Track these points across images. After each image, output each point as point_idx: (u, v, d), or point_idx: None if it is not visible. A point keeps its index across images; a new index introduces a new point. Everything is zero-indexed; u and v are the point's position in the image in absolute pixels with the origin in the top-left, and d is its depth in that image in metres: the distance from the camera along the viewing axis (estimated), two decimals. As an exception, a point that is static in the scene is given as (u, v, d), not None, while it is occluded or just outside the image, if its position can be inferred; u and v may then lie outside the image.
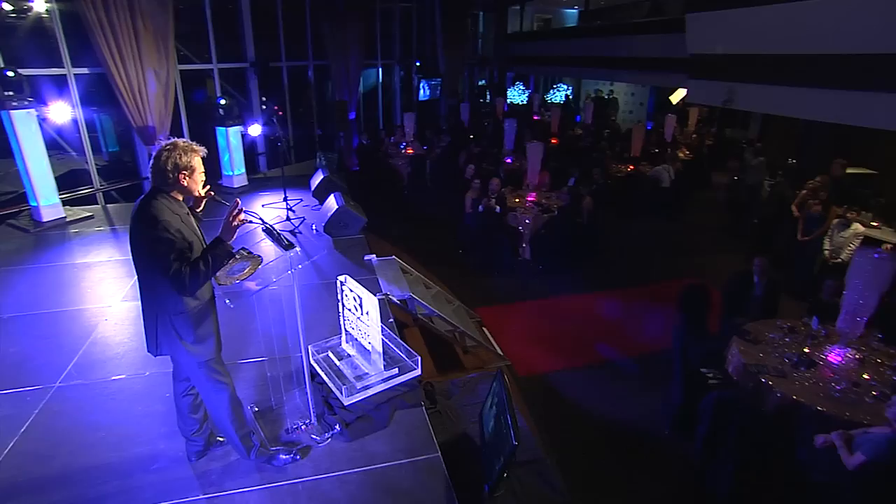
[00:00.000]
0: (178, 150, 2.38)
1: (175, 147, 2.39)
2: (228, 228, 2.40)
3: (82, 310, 4.61)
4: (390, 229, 8.59)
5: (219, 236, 2.42)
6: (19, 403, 3.40)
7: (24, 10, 7.63)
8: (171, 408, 2.89)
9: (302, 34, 11.63)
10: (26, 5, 7.30)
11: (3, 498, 2.72)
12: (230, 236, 2.42)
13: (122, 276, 5.32)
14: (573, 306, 6.60)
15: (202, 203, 2.66)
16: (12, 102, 6.06)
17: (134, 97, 7.92)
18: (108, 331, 4.18)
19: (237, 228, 2.43)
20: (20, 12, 7.76)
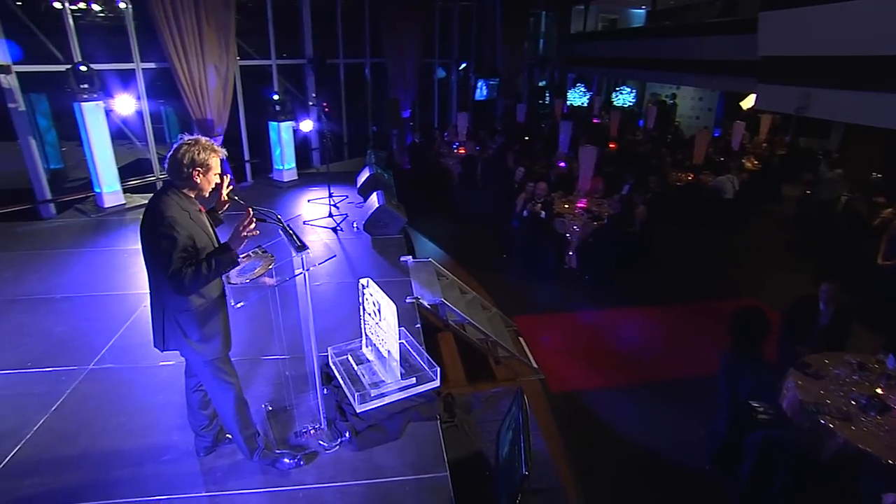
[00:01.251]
0: (197, 147, 2.36)
1: (196, 143, 2.37)
2: (237, 238, 2.36)
3: (127, 294, 4.79)
4: (436, 229, 8.51)
5: (227, 243, 2.37)
6: (55, 382, 3.54)
7: (107, 9, 8.11)
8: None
9: (360, 32, 11.75)
10: (113, 5, 7.70)
11: (25, 474, 2.81)
12: (238, 245, 2.37)
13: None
14: (618, 320, 6.25)
15: (224, 206, 2.63)
16: (83, 95, 6.42)
17: (195, 91, 8.22)
18: (146, 317, 4.29)
19: (246, 239, 2.37)
20: (98, 12, 8.26)
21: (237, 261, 2.41)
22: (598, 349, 5.69)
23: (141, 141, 8.54)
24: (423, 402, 3.33)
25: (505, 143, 11.38)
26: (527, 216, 7.19)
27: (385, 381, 3.36)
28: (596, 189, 8.18)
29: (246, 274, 2.60)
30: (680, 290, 6.83)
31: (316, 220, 7.01)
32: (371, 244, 6.33)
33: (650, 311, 6.38)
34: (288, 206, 7.79)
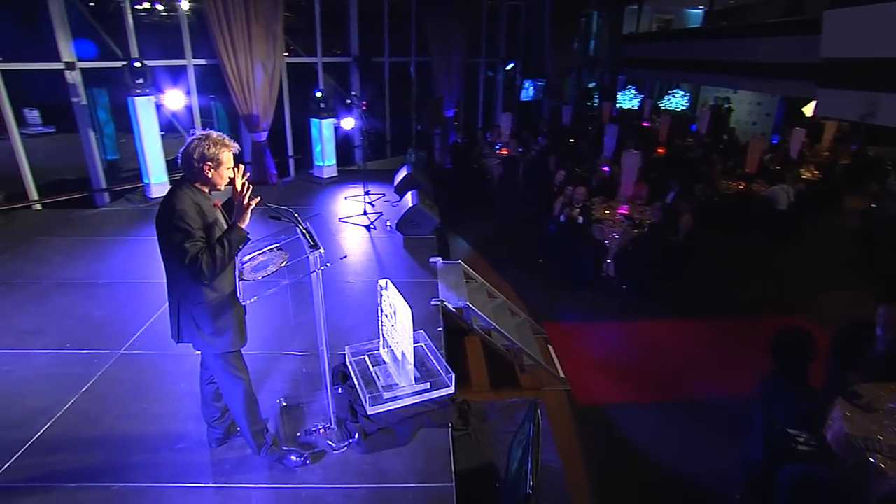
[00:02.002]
0: (208, 142, 2.38)
1: (206, 138, 2.40)
2: (241, 210, 2.36)
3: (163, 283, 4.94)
4: (473, 230, 8.45)
5: (233, 220, 2.38)
6: (88, 364, 3.69)
7: (168, 8, 8.46)
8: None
9: (406, 30, 11.80)
10: (175, 4, 8.02)
11: (52, 451, 2.94)
12: (243, 219, 2.37)
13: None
14: (654, 333, 5.99)
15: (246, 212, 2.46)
16: (136, 90, 6.71)
17: (242, 87, 8.46)
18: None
19: (249, 209, 2.37)
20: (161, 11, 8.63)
21: (247, 236, 2.43)
22: (629, 362, 5.46)
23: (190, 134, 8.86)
24: (437, 408, 3.27)
25: (548, 145, 11.16)
26: (564, 221, 7.00)
27: (398, 385, 3.32)
28: (639, 195, 7.89)
29: (260, 271, 2.61)
30: (723, 303, 6.48)
31: (351, 217, 7.07)
32: (403, 244, 6.31)
33: (689, 324, 6.08)
34: (325, 202, 7.89)
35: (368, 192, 7.93)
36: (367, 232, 6.62)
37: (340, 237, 6.45)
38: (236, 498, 2.65)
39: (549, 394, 4.88)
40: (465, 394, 4.87)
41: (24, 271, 5.09)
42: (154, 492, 2.67)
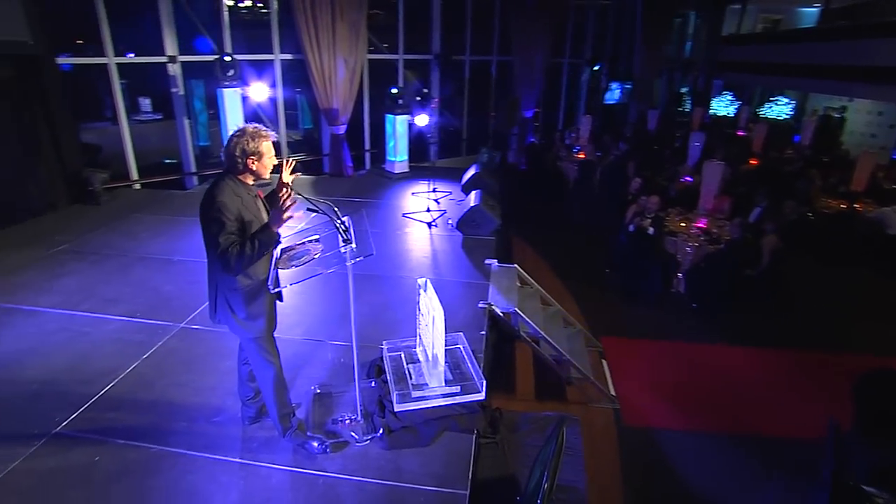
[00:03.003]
0: (245, 137, 2.47)
1: (243, 133, 2.48)
2: (278, 218, 2.43)
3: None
4: (540, 234, 8.26)
5: (268, 222, 2.46)
6: (151, 333, 4.00)
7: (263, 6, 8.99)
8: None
9: (489, 29, 11.74)
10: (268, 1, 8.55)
11: (110, 408, 3.22)
12: (278, 225, 2.45)
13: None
14: (721, 359, 5.54)
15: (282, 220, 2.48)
16: (225, 82, 7.19)
17: (324, 81, 8.81)
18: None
19: (285, 219, 2.44)
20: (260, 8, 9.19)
21: (278, 239, 2.50)
22: (689, 387, 5.08)
23: (274, 125, 9.37)
24: (465, 413, 3.21)
25: (629, 150, 10.66)
26: (633, 231, 6.65)
27: (429, 385, 3.30)
28: (720, 209, 7.32)
29: (295, 260, 2.68)
30: (806, 335, 5.86)
31: (414, 213, 7.15)
32: (462, 243, 6.28)
33: (763, 353, 5.55)
34: (393, 196, 8.04)
35: (435, 190, 7.99)
36: (428, 229, 6.65)
37: (400, 232, 6.53)
38: (258, 475, 2.75)
39: (594, 410, 4.65)
40: (507, 401, 4.77)
41: (115, 244, 5.62)
42: (186, 458, 2.83)
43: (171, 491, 2.64)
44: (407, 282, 5.22)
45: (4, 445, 2.89)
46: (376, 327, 4.28)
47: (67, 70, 7.41)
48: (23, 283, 4.70)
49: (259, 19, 8.98)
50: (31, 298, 4.42)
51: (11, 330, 3.99)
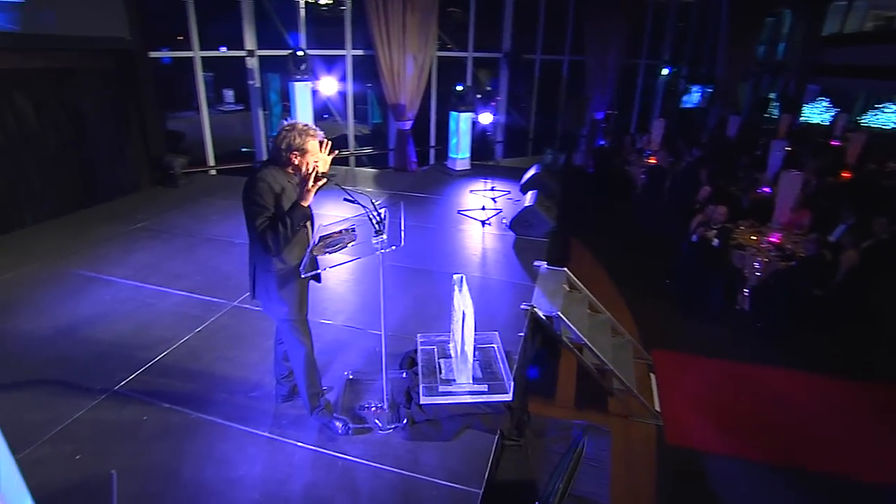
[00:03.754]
0: (294, 132, 2.57)
1: (293, 128, 2.58)
2: (304, 192, 2.52)
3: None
4: (601, 239, 8.06)
5: (296, 200, 2.55)
6: (206, 309, 4.28)
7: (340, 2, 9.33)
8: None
9: (562, 28, 11.50)
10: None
11: (161, 374, 3.48)
12: (305, 199, 2.53)
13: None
14: (786, 384, 5.14)
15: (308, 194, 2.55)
16: (297, 76, 7.53)
17: (392, 77, 8.99)
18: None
19: (312, 192, 2.52)
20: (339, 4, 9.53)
21: (307, 214, 2.59)
22: (744, 410, 4.76)
23: (343, 118, 9.69)
24: (490, 412, 3.19)
25: (702, 156, 10.09)
26: (696, 241, 6.30)
27: (456, 381, 3.30)
28: (798, 224, 6.77)
29: (330, 248, 2.76)
30: (887, 367, 5.32)
31: (469, 210, 7.15)
32: (514, 243, 6.22)
33: (835, 383, 5.11)
34: (451, 193, 8.08)
35: (493, 188, 7.96)
36: (482, 227, 6.64)
37: (454, 229, 6.56)
38: (283, 450, 2.88)
39: (635, 425, 4.48)
40: (545, 406, 4.70)
41: (186, 225, 6.05)
42: (221, 427, 3.01)
43: (203, 455, 2.82)
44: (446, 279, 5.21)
45: (72, 397, 3.21)
46: (418, 320, 4.33)
47: (167, 63, 8.06)
48: (103, 254, 5.17)
49: (336, 16, 9.29)
50: (108, 269, 4.86)
51: (89, 296, 4.40)
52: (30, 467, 2.58)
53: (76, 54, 6.01)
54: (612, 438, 3.97)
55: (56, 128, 5.91)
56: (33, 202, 5.74)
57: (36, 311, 4.15)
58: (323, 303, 4.45)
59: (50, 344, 3.74)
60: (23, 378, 3.36)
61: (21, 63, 5.51)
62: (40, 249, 5.21)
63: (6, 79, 5.44)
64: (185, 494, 2.59)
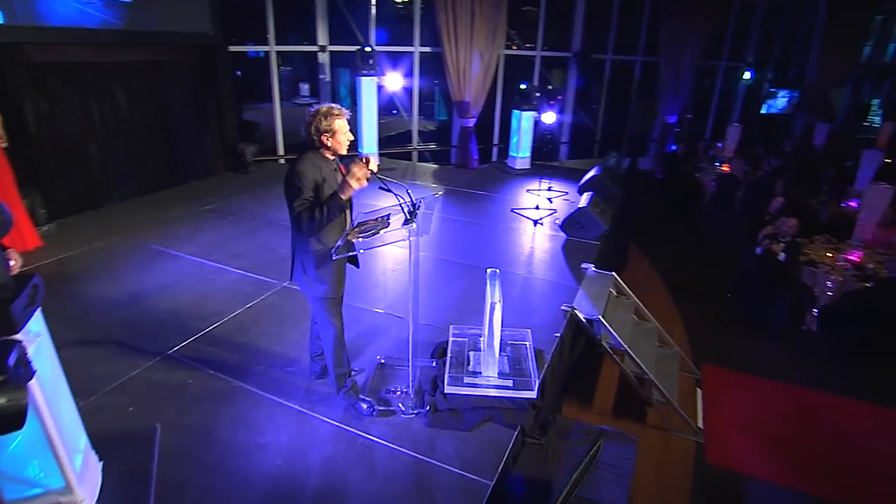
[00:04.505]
0: (319, 116, 2.69)
1: (317, 113, 2.70)
2: (344, 186, 2.64)
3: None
4: (662, 247, 7.80)
5: (336, 190, 2.67)
6: (258, 287, 4.56)
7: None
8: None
9: (636, 28, 11.12)
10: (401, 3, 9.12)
11: (210, 343, 3.76)
12: (345, 193, 2.65)
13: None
14: (851, 415, 4.74)
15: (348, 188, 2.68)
16: (363, 71, 7.79)
17: (458, 75, 9.08)
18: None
19: (352, 189, 2.63)
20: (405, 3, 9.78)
21: (344, 206, 2.71)
22: (800, 438, 4.44)
23: (408, 114, 9.91)
24: (512, 408, 3.19)
25: (781, 166, 9.44)
26: (760, 254, 5.93)
27: (482, 374, 3.33)
28: (885, 242, 6.20)
29: (364, 234, 2.88)
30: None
31: (523, 209, 7.11)
32: (564, 244, 6.13)
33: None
34: (508, 191, 8.06)
35: (550, 188, 7.87)
36: (534, 226, 6.59)
37: (505, 227, 6.55)
38: (309, 424, 3.03)
39: (674, 440, 4.30)
40: (580, 411, 4.61)
41: (252, 208, 6.44)
42: (255, 396, 3.22)
43: (237, 420, 3.03)
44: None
45: (132, 357, 3.54)
46: (457, 312, 4.39)
47: (254, 56, 8.59)
48: (174, 232, 5.63)
49: (408, 13, 9.49)
50: (177, 245, 5.29)
51: (157, 268, 4.82)
52: (91, 413, 2.90)
53: (165, 49, 6.57)
54: (640, 448, 3.85)
55: (144, 116, 6.49)
56: (120, 182, 6.35)
57: (112, 278, 4.60)
58: (367, 290, 4.61)
59: (119, 308, 4.14)
60: (94, 337, 3.75)
61: (119, 56, 6.09)
62: (122, 223, 5.76)
63: (107, 71, 6.05)
64: (216, 453, 2.80)
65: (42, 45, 5.37)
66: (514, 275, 5.26)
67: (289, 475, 2.68)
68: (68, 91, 5.64)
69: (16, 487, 2.20)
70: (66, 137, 5.68)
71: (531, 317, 4.40)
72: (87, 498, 2.35)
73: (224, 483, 2.62)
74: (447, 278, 5.04)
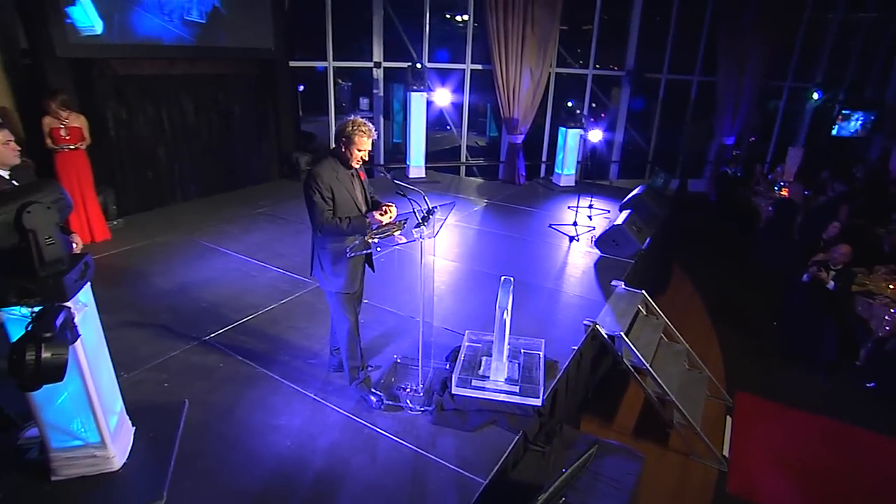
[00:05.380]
0: (350, 122, 2.93)
1: (353, 121, 2.95)
2: (373, 217, 2.97)
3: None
4: (709, 271, 7.71)
5: (365, 215, 2.99)
6: (294, 286, 4.86)
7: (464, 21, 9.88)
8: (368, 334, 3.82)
9: (694, 47, 10.89)
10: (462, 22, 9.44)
11: (242, 333, 4.07)
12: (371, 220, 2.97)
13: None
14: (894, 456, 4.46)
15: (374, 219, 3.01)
16: (413, 87, 8.11)
17: (508, 92, 9.24)
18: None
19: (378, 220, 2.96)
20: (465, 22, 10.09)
21: (365, 229, 2.96)
22: (837, 476, 4.21)
23: (457, 130, 10.15)
24: (517, 413, 3.26)
25: (846, 192, 8.91)
26: (807, 281, 5.66)
27: (490, 378, 3.42)
28: (954, 276, 5.76)
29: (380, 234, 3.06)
30: None
31: (561, 225, 7.13)
32: (597, 261, 6.09)
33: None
34: (550, 207, 8.06)
35: (591, 206, 7.83)
36: (569, 242, 6.59)
37: (541, 241, 6.59)
38: (322, 411, 3.23)
39: (695, 465, 4.20)
40: (600, 428, 4.59)
41: (299, 213, 6.71)
42: (277, 382, 3.46)
43: (257, 403, 3.27)
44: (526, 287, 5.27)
45: (173, 340, 3.89)
46: (482, 320, 4.45)
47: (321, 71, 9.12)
48: (226, 231, 6.08)
49: (462, 31, 9.77)
50: (226, 243, 5.72)
51: (206, 263, 5.24)
52: (132, 386, 3.25)
53: (230, 63, 7.16)
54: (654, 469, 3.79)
55: (208, 124, 7.08)
56: (183, 184, 6.95)
57: (165, 269, 5.05)
58: (396, 295, 4.77)
59: (167, 296, 4.55)
60: (143, 320, 4.14)
61: (189, 69, 6.71)
62: (182, 222, 6.29)
63: (178, 82, 6.67)
64: (234, 429, 3.04)
65: (126, 59, 6.02)
66: (542, 287, 5.29)
67: (296, 455, 2.88)
68: (144, 100, 6.29)
69: (61, 437, 2.52)
70: (139, 142, 6.32)
71: (553, 329, 4.43)
72: (118, 455, 2.64)
73: (237, 456, 2.85)
74: (477, 288, 5.15)
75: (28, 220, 2.13)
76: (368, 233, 3.02)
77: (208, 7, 6.62)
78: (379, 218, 3.00)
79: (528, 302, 4.89)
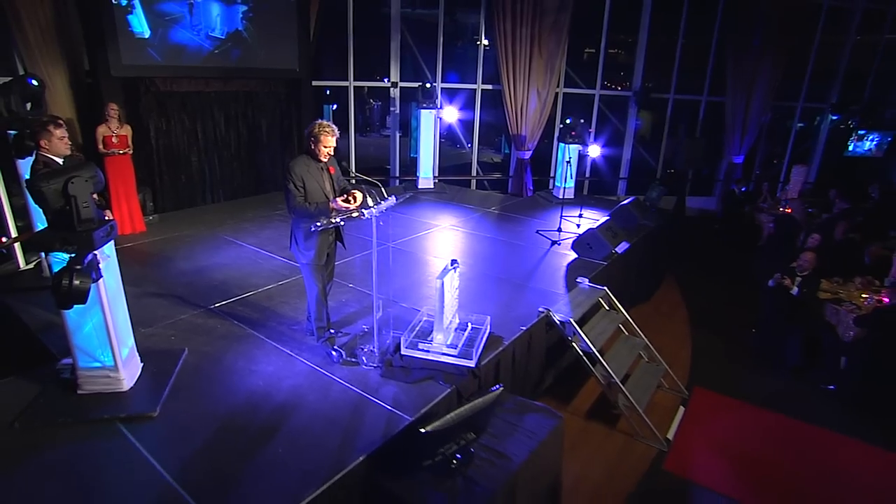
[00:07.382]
0: (317, 125, 3.67)
1: (319, 123, 3.69)
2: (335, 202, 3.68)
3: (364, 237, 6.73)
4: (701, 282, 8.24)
5: (329, 201, 3.70)
6: (293, 272, 5.56)
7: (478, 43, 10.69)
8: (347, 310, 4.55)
9: (702, 67, 11.26)
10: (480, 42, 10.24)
11: (241, 305, 4.81)
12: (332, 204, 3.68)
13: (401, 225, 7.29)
14: (841, 451, 4.67)
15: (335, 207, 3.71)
16: (423, 104, 8.89)
17: (516, 110, 9.92)
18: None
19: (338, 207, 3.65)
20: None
21: (328, 214, 3.67)
22: (778, 465, 4.47)
23: (468, 146, 10.87)
24: (454, 373, 3.83)
25: (847, 209, 9.02)
26: (772, 286, 5.97)
27: (433, 341, 4.01)
28: (924, 286, 5.92)
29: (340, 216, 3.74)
30: None
31: (547, 231, 7.63)
32: (572, 262, 6.53)
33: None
34: (544, 216, 8.55)
35: (581, 216, 8.31)
36: (550, 246, 7.08)
37: (523, 244, 7.11)
38: (292, 363, 3.91)
39: (639, 445, 4.62)
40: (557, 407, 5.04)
41: (311, 214, 7.66)
42: (261, 341, 4.19)
43: (241, 354, 4.00)
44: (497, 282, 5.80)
45: (185, 306, 4.70)
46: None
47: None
48: (245, 228, 6.97)
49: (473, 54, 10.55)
50: (243, 237, 6.58)
51: (223, 252, 6.10)
52: (147, 337, 4.05)
53: (259, 82, 8.15)
54: (590, 439, 4.29)
55: (237, 136, 8.08)
56: (214, 187, 7.94)
57: (188, 256, 5.93)
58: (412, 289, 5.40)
59: (186, 275, 5.40)
60: (164, 291, 4.98)
61: (223, 87, 7.73)
62: (208, 219, 7.23)
63: (212, 98, 7.70)
64: (219, 370, 3.77)
65: (168, 78, 7.08)
66: (512, 282, 5.80)
67: (264, 391, 3.57)
68: (182, 114, 7.33)
69: (86, 358, 3.30)
70: (176, 150, 7.34)
71: (513, 315, 4.94)
72: (127, 379, 3.41)
73: (218, 389, 3.56)
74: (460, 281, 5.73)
75: (71, 188, 2.92)
76: (333, 215, 3.72)
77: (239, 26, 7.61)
78: (343, 204, 3.68)
79: (499, 292, 5.44)
